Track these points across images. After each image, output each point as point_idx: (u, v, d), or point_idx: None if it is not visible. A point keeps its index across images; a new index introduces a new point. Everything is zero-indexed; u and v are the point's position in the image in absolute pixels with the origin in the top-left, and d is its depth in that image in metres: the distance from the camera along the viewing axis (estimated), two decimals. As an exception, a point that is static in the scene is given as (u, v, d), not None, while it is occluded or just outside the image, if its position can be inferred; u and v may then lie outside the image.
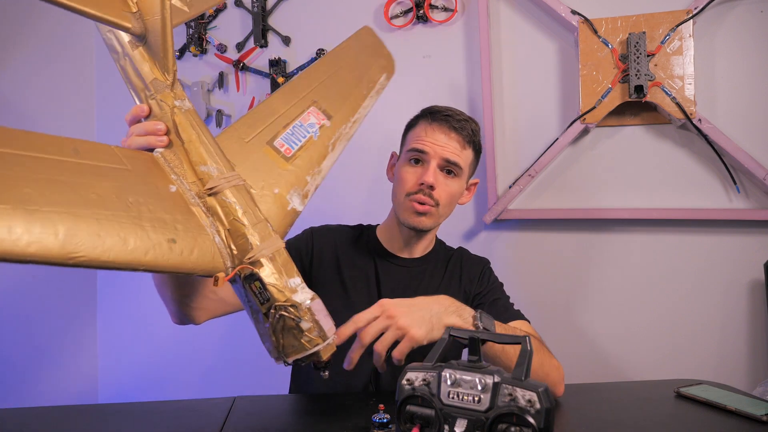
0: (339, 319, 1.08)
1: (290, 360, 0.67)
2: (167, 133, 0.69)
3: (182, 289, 0.93)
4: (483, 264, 1.20)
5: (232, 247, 0.66)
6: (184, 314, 0.97)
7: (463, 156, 1.08)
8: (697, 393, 0.89)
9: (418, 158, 1.08)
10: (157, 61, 0.70)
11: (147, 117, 0.71)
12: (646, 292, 1.56)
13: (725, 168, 1.47)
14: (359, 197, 1.75)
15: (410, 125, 1.15)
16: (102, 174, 0.59)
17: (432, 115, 1.09)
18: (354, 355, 0.82)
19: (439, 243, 1.22)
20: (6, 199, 0.48)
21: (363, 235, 1.19)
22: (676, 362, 1.52)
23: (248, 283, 0.66)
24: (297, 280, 0.68)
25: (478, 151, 1.13)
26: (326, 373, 0.72)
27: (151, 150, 0.69)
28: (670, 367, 1.52)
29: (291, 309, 0.65)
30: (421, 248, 1.16)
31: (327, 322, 0.69)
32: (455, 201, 1.12)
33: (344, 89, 0.93)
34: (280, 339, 0.66)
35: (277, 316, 0.65)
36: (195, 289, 0.94)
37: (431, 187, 1.05)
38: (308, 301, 0.67)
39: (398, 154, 1.18)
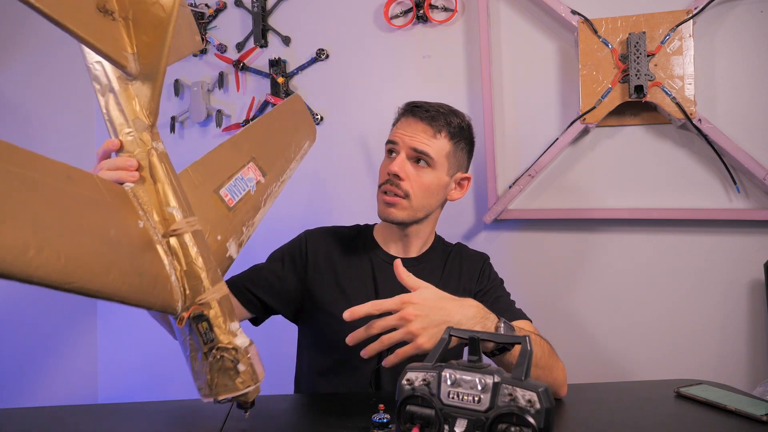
0: (337, 322, 1.08)
1: (220, 398, 0.70)
2: (138, 170, 0.72)
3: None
4: (483, 260, 1.19)
5: (186, 287, 0.69)
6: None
7: (434, 145, 1.06)
8: (697, 393, 0.89)
9: (391, 150, 1.09)
10: (144, 102, 0.73)
11: (118, 152, 0.74)
12: (646, 292, 1.56)
13: (725, 168, 1.47)
14: (359, 198, 1.75)
15: (394, 121, 1.16)
16: (90, 204, 0.61)
17: (406, 106, 1.11)
18: (358, 335, 0.82)
19: (438, 240, 1.21)
20: (22, 218, 0.49)
21: (360, 235, 1.19)
22: (676, 362, 1.52)
23: (196, 323, 0.69)
24: (236, 325, 0.72)
25: (458, 141, 1.10)
26: (247, 414, 0.74)
27: (121, 184, 0.71)
28: (670, 367, 1.52)
29: (232, 351, 0.69)
30: (417, 246, 1.16)
31: (259, 367, 0.72)
32: (432, 193, 1.09)
33: (277, 150, 1.00)
34: (215, 378, 0.69)
35: (218, 356, 0.69)
36: None
37: (398, 176, 1.05)
38: (246, 345, 0.71)
39: None
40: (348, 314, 0.81)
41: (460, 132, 1.11)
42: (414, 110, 1.08)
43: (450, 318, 0.82)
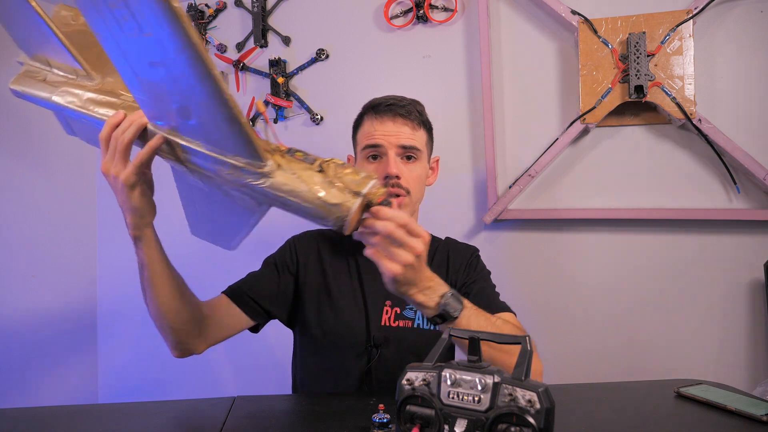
0: (325, 325, 1.08)
1: (364, 191, 0.73)
2: None
3: (182, 315, 0.92)
4: (471, 252, 1.19)
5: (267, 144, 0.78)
6: (185, 343, 0.96)
7: (417, 138, 1.09)
8: (697, 393, 0.89)
9: (374, 153, 1.08)
10: None
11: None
12: (646, 292, 1.56)
13: (725, 168, 1.47)
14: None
15: (356, 125, 1.15)
16: None
17: (375, 108, 1.10)
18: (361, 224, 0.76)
19: None
20: None
21: (345, 237, 1.18)
22: (676, 362, 1.52)
23: (292, 153, 0.76)
24: None
25: (429, 129, 1.14)
26: (394, 204, 0.78)
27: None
28: (670, 367, 1.52)
29: (333, 159, 0.76)
30: None
31: None
32: (422, 183, 1.12)
33: None
34: (343, 178, 0.73)
35: (329, 164, 0.74)
36: (194, 316, 0.94)
37: (397, 177, 1.05)
38: None
39: (354, 156, 1.17)
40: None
41: (426, 119, 1.14)
42: (390, 108, 1.08)
43: (431, 282, 0.81)
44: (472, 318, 0.85)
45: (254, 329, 1.12)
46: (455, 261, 1.16)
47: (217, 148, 0.76)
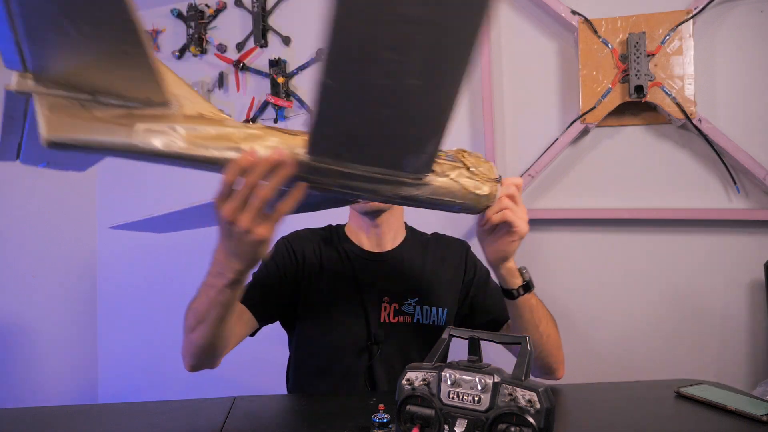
0: (325, 322, 1.08)
1: (496, 172, 0.82)
2: None
3: (229, 344, 0.92)
4: (465, 247, 1.19)
5: None
6: (210, 363, 0.95)
7: None
8: (697, 393, 0.89)
9: None
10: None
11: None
12: (646, 292, 1.56)
13: (725, 168, 1.46)
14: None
15: None
16: None
17: None
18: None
19: (411, 230, 1.21)
20: None
21: (334, 235, 1.17)
22: (676, 362, 1.52)
23: (451, 157, 0.78)
24: None
25: None
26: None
27: None
28: (670, 367, 1.52)
29: (464, 149, 0.80)
30: (390, 238, 1.15)
31: None
32: None
33: None
34: (479, 168, 0.79)
35: (465, 156, 0.78)
36: (229, 340, 0.93)
37: None
38: None
39: None
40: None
41: None
42: None
43: None
44: (537, 294, 1.00)
45: (252, 333, 1.11)
46: (451, 257, 1.16)
47: (391, 170, 0.67)
